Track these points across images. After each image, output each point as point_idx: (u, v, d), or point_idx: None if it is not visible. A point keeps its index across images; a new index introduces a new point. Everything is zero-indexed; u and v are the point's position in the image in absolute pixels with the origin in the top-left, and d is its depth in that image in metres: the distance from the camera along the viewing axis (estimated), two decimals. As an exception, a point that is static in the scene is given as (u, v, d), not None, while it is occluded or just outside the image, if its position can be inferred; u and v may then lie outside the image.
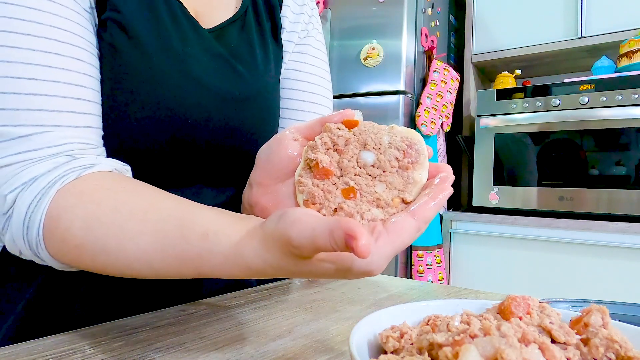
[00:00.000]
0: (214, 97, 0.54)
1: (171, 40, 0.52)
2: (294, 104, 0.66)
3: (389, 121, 1.81)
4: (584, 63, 1.98)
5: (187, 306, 0.51)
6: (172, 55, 0.51)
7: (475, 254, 1.79)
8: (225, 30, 0.58)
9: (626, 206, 1.53)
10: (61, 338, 0.40)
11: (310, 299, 0.55)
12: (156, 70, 0.50)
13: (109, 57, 0.49)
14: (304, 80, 0.67)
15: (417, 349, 0.27)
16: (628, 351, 0.25)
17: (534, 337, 0.24)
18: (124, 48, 0.49)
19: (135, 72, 0.49)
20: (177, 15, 0.54)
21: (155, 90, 0.50)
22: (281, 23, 0.65)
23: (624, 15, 1.72)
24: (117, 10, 0.49)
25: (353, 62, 1.91)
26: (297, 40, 0.67)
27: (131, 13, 0.50)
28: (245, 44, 0.60)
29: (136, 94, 0.49)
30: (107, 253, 0.38)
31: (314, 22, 0.69)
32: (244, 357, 0.37)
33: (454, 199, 2.09)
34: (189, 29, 0.54)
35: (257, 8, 0.63)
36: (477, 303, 0.33)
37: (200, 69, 0.53)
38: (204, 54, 0.55)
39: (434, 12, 1.98)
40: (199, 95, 0.53)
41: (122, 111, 0.49)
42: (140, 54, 0.49)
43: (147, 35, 0.50)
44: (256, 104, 0.58)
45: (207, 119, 0.54)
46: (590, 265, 1.55)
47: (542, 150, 1.70)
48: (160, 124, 0.51)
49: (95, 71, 0.47)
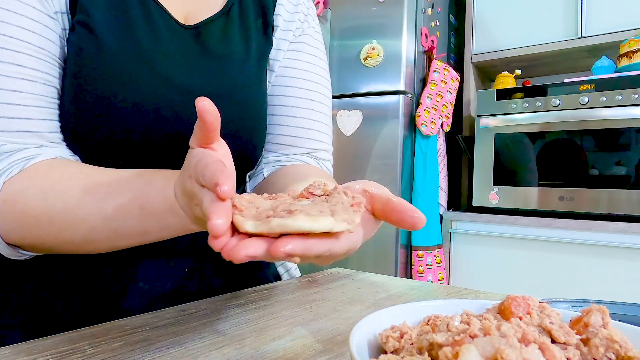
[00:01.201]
0: (185, 94, 0.54)
1: (140, 40, 0.52)
2: (289, 100, 0.65)
3: (389, 121, 1.81)
4: (584, 63, 1.98)
5: (187, 306, 0.51)
6: (140, 54, 0.52)
7: (475, 254, 1.79)
8: (205, 27, 0.58)
9: (626, 206, 1.53)
10: (61, 338, 0.40)
11: (310, 299, 0.55)
12: (122, 70, 0.51)
13: (75, 58, 0.50)
14: (299, 77, 0.66)
15: (417, 349, 0.27)
16: (628, 351, 0.25)
17: (534, 337, 0.24)
18: (89, 49, 0.50)
19: (100, 72, 0.50)
20: (152, 15, 0.54)
21: (122, 89, 0.50)
22: (274, 22, 0.65)
23: (624, 15, 1.72)
24: (86, 13, 0.50)
25: (353, 62, 1.91)
26: (291, 38, 0.66)
27: (99, 16, 0.51)
28: (224, 40, 0.59)
29: (105, 93, 0.50)
30: (64, 213, 0.41)
31: (309, 20, 0.69)
32: (244, 357, 0.37)
33: (454, 199, 2.09)
34: (163, 28, 0.55)
35: (244, 5, 0.62)
36: (477, 303, 0.33)
37: (170, 67, 0.54)
38: (176, 52, 0.55)
39: (434, 12, 1.98)
40: (170, 93, 0.53)
41: (91, 109, 0.50)
42: (105, 54, 0.50)
43: (113, 37, 0.51)
44: (232, 99, 0.58)
45: (179, 115, 0.54)
46: (590, 265, 1.55)
47: (542, 150, 1.70)
48: (131, 121, 0.51)
49: (42, 75, 0.48)
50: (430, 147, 1.85)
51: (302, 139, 0.65)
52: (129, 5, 0.53)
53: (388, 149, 1.81)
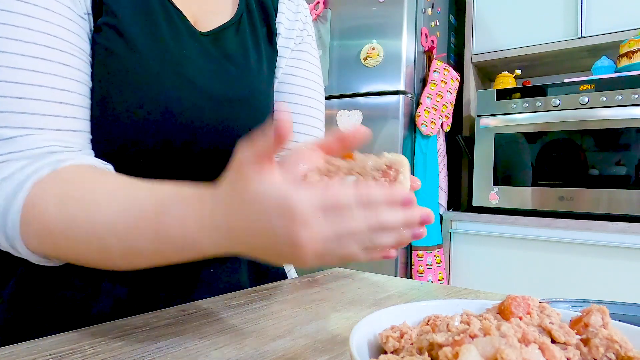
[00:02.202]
0: (208, 99, 0.55)
1: (167, 43, 0.53)
2: (289, 107, 0.68)
3: (389, 121, 1.81)
4: (584, 63, 1.98)
5: (187, 306, 0.51)
6: (168, 57, 0.52)
7: (475, 254, 1.79)
8: (220, 34, 0.60)
9: (626, 206, 1.53)
10: (61, 338, 0.40)
11: (310, 299, 0.55)
12: (152, 72, 0.51)
13: (105, 60, 0.49)
14: (299, 85, 0.69)
15: (417, 349, 0.27)
16: (628, 351, 0.25)
17: (534, 337, 0.24)
18: (119, 51, 0.49)
19: (131, 74, 0.50)
20: (174, 20, 0.55)
21: (151, 92, 0.51)
22: (276, 29, 0.67)
23: (624, 15, 1.72)
24: (113, 14, 0.50)
25: (353, 62, 1.91)
26: (292, 46, 0.69)
27: (127, 17, 0.50)
28: (239, 48, 0.61)
29: (132, 95, 0.50)
30: (78, 226, 0.39)
31: (308, 28, 0.72)
32: (244, 357, 0.37)
33: (454, 199, 2.09)
34: (185, 32, 0.55)
35: (252, 14, 0.64)
36: (477, 303, 0.33)
37: (195, 71, 0.54)
38: (199, 57, 0.55)
39: (434, 12, 1.98)
40: (193, 97, 0.54)
41: (118, 112, 0.49)
42: (136, 57, 0.50)
43: (143, 38, 0.51)
44: (249, 105, 0.59)
45: (201, 120, 0.54)
46: (590, 265, 1.55)
47: (542, 150, 1.70)
48: (155, 125, 0.51)
49: (83, 76, 0.48)
50: (430, 147, 1.85)
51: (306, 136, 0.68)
52: (152, 7, 0.53)
53: (388, 149, 1.81)
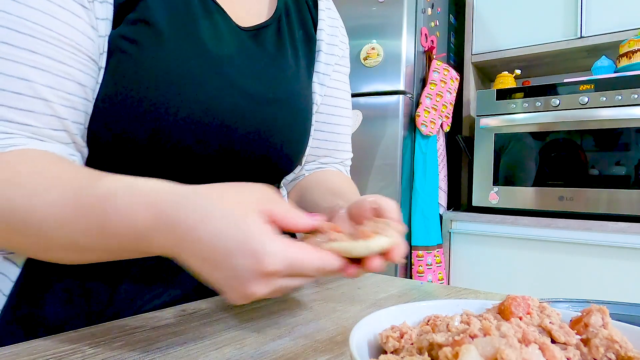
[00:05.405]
0: (248, 99, 0.54)
1: (206, 42, 0.51)
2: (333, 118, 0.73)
3: (389, 121, 1.81)
4: (584, 63, 1.98)
5: (187, 306, 0.51)
6: (207, 57, 0.51)
7: (475, 254, 1.79)
8: (261, 31, 0.59)
9: (626, 206, 1.53)
10: (61, 338, 0.40)
11: (310, 299, 0.55)
12: (193, 73, 0.49)
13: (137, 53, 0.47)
14: (342, 98, 0.74)
15: (417, 349, 0.27)
16: (628, 351, 0.25)
17: (534, 337, 0.24)
18: (159, 54, 0.48)
19: (171, 75, 0.48)
20: (213, 16, 0.53)
21: (192, 93, 0.49)
22: (317, 36, 0.68)
23: (624, 15, 1.72)
24: (144, 7, 0.47)
25: (353, 62, 1.90)
26: (336, 60, 0.72)
27: (159, 10, 0.48)
28: (278, 47, 0.60)
29: (173, 96, 0.48)
30: (16, 213, 0.37)
31: (344, 62, 0.76)
32: (244, 357, 0.37)
33: (454, 199, 2.09)
34: (224, 29, 0.54)
35: (290, 17, 0.64)
36: (477, 303, 0.33)
37: (234, 71, 0.53)
38: (239, 55, 0.54)
39: (433, 12, 1.98)
40: (234, 97, 0.52)
41: (161, 112, 0.48)
42: (168, 52, 0.48)
43: (182, 39, 0.49)
44: (287, 106, 0.59)
45: (241, 121, 0.53)
46: (590, 265, 1.55)
47: (542, 150, 1.70)
48: (194, 125, 0.50)
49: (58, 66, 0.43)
50: (430, 147, 1.85)
51: (339, 152, 0.76)
52: (190, 1, 0.51)
53: (388, 149, 1.81)
